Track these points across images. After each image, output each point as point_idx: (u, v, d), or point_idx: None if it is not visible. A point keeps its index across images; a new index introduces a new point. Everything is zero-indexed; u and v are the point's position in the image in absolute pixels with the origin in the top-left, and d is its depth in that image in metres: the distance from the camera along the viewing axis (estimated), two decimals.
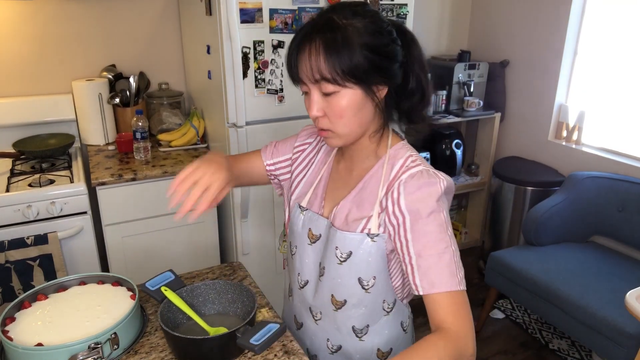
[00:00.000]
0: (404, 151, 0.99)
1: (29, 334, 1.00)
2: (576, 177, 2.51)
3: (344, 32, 0.86)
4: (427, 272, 0.88)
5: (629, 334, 1.85)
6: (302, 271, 1.09)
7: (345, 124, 0.92)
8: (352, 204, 1.00)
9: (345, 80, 0.87)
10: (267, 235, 2.20)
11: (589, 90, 2.69)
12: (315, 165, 1.12)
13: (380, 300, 1.02)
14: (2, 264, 1.81)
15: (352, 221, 0.98)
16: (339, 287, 1.02)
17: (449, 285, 0.87)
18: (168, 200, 0.96)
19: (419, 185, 0.92)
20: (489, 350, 2.45)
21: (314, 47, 0.87)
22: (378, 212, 0.96)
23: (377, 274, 0.99)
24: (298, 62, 0.90)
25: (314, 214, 1.06)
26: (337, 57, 0.86)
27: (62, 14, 2.31)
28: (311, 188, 1.09)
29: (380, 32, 0.89)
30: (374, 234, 0.96)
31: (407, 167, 0.95)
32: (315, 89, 0.91)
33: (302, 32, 0.90)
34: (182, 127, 2.38)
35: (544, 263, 2.28)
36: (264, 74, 1.96)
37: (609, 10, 2.53)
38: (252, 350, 0.96)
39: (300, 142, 1.17)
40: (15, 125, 2.25)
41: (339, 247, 0.99)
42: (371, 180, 0.99)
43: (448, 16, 3.22)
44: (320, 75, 0.88)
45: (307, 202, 1.09)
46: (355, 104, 0.90)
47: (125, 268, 2.13)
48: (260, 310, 1.18)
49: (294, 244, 1.12)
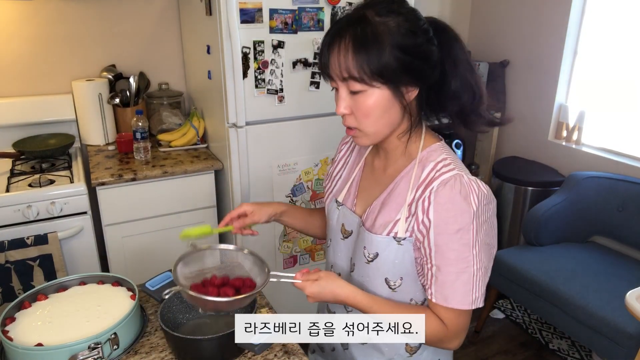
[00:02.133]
0: (437, 153, 0.97)
1: (29, 334, 1.00)
2: (576, 177, 2.51)
3: (374, 30, 0.84)
4: (443, 285, 0.92)
5: (629, 334, 1.85)
6: (335, 264, 1.12)
7: (372, 123, 0.91)
8: (382, 205, 0.99)
9: (372, 79, 0.86)
10: (267, 235, 2.20)
11: (589, 90, 2.69)
12: (351, 162, 1.14)
13: (407, 299, 1.02)
14: (2, 264, 1.81)
15: (379, 224, 0.98)
16: (367, 284, 1.03)
17: (460, 303, 0.91)
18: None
19: (451, 197, 0.89)
20: (489, 350, 2.45)
21: (343, 44, 0.86)
22: (406, 216, 0.95)
23: (405, 275, 0.99)
24: (329, 58, 0.89)
25: (348, 210, 1.08)
26: (365, 55, 0.84)
27: (62, 14, 2.31)
28: (347, 184, 1.11)
29: (415, 31, 0.86)
30: (401, 238, 0.95)
31: (440, 172, 0.92)
32: (343, 87, 0.90)
33: (334, 27, 0.89)
34: (182, 127, 2.38)
35: (544, 263, 2.28)
36: (264, 74, 1.96)
37: (609, 10, 2.53)
38: (252, 350, 0.96)
39: (343, 142, 1.20)
40: (15, 125, 2.25)
41: (366, 247, 1.00)
42: (402, 181, 0.98)
43: (448, 16, 3.22)
44: (348, 73, 0.87)
45: (343, 197, 1.10)
46: (382, 104, 0.89)
47: (125, 268, 2.13)
48: (260, 310, 1.18)
49: (329, 237, 1.15)
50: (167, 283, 1.16)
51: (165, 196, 2.11)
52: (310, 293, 0.97)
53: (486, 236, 0.92)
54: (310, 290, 0.96)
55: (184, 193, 2.15)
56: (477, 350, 2.45)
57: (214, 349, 1.00)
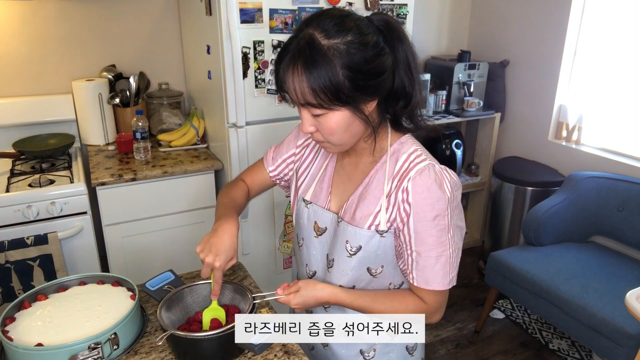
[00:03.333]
0: (408, 145, 1.00)
1: (29, 334, 1.00)
2: (576, 177, 2.51)
3: (324, 55, 0.84)
4: (423, 270, 0.98)
5: (629, 334, 1.85)
6: (310, 262, 1.13)
7: (338, 138, 0.94)
8: (359, 198, 1.02)
9: (330, 104, 0.87)
10: (267, 235, 2.20)
11: (589, 90, 2.69)
12: (319, 160, 1.14)
13: (386, 283, 1.07)
14: (2, 264, 1.81)
15: (360, 216, 1.00)
16: (347, 276, 1.05)
17: (440, 285, 0.98)
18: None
19: (427, 185, 0.93)
20: (489, 350, 2.45)
21: (296, 72, 0.86)
22: (385, 207, 0.98)
23: (385, 263, 1.03)
24: (285, 83, 0.89)
25: (319, 208, 1.09)
26: (319, 83, 0.84)
27: (62, 14, 2.31)
28: (314, 182, 1.12)
29: (365, 47, 0.86)
30: (383, 230, 0.98)
31: (414, 163, 0.96)
32: (304, 110, 0.92)
33: (284, 54, 0.88)
34: (182, 127, 2.38)
35: (544, 263, 2.28)
36: (264, 74, 1.96)
37: (609, 11, 2.53)
38: (252, 350, 0.96)
39: (304, 137, 1.19)
40: (15, 125, 2.25)
41: (349, 241, 1.02)
42: (377, 174, 1.01)
43: (448, 16, 3.22)
44: (305, 100, 0.88)
45: (311, 195, 1.11)
46: (344, 122, 0.91)
47: (125, 268, 2.13)
48: (260, 311, 1.18)
49: (300, 236, 1.15)
50: (167, 282, 1.16)
51: (165, 196, 2.11)
52: (295, 305, 1.02)
53: (458, 219, 0.97)
54: (295, 302, 1.03)
55: (184, 193, 2.15)
56: (477, 350, 2.45)
57: (214, 349, 1.00)
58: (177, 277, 1.19)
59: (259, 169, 1.27)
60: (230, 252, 1.04)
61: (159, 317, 1.03)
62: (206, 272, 1.04)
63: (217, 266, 1.02)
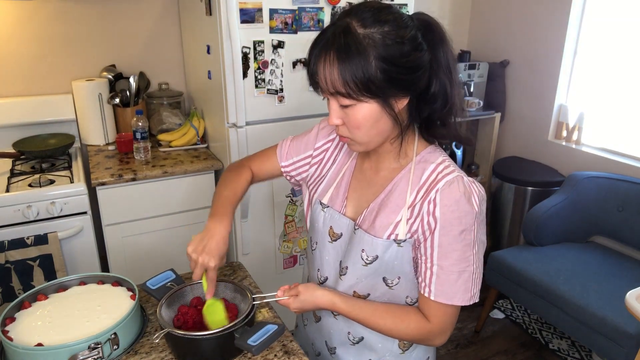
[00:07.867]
0: (435, 156, 0.97)
1: (29, 334, 1.00)
2: (576, 177, 2.51)
3: (359, 44, 0.82)
4: (444, 284, 0.93)
5: (629, 334, 1.85)
6: (322, 268, 1.10)
7: (363, 134, 0.91)
8: (380, 206, 0.98)
9: (360, 95, 0.85)
10: (267, 235, 2.20)
11: (589, 90, 2.69)
12: (337, 163, 1.11)
13: (403, 296, 1.02)
14: (2, 264, 1.81)
15: (380, 225, 0.97)
16: (361, 284, 1.03)
17: (461, 300, 0.93)
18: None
19: (456, 198, 0.90)
20: (489, 350, 2.45)
21: (328, 60, 0.84)
22: (407, 217, 0.94)
23: (402, 275, 0.99)
24: (316, 71, 0.87)
25: (335, 212, 1.06)
26: (350, 71, 0.82)
27: (62, 14, 2.31)
28: (332, 185, 1.08)
29: (401, 40, 0.83)
30: (401, 240, 0.95)
31: (442, 174, 0.93)
32: (333, 100, 0.90)
33: (320, 39, 0.87)
34: (182, 127, 2.38)
35: (544, 263, 2.28)
36: (264, 74, 1.96)
37: (609, 11, 2.53)
38: (250, 351, 0.96)
39: (324, 140, 1.14)
40: (15, 125, 2.25)
41: (365, 250, 0.98)
42: (400, 182, 0.97)
43: (448, 16, 3.22)
44: (334, 89, 0.86)
45: (328, 199, 1.08)
46: (372, 117, 0.88)
47: (125, 268, 2.13)
48: (260, 311, 1.18)
49: (314, 240, 1.12)
50: (168, 282, 1.16)
51: (165, 196, 2.11)
52: (294, 308, 1.02)
53: (481, 234, 0.94)
54: (294, 305, 1.02)
55: (184, 193, 2.15)
56: (477, 350, 2.45)
57: (214, 349, 1.00)
58: (178, 276, 1.19)
59: (269, 158, 1.21)
60: (222, 251, 1.04)
61: (158, 315, 1.03)
62: (199, 273, 1.03)
63: (212, 266, 1.02)
